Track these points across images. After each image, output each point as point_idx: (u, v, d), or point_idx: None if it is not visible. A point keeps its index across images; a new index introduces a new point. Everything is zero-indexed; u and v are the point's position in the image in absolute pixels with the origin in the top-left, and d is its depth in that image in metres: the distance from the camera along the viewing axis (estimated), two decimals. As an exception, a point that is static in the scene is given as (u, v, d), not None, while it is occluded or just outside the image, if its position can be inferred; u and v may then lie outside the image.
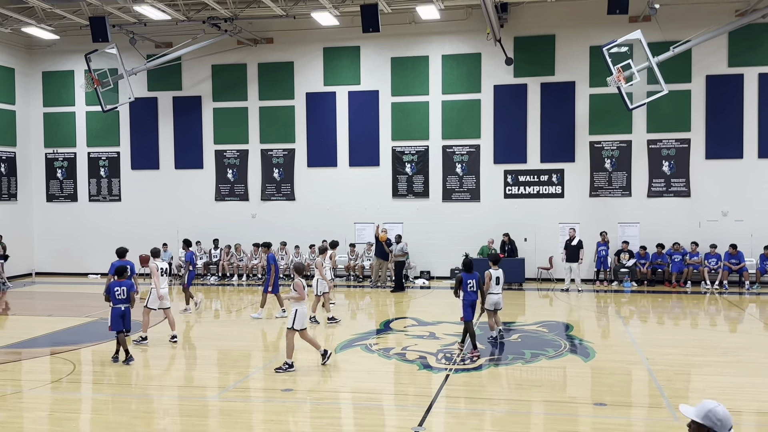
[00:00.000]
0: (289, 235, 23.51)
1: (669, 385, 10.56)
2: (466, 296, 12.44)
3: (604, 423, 9.00)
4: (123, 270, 12.52)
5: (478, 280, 12.58)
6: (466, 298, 12.44)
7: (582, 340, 13.81)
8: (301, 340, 11.81)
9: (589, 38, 21.88)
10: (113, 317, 12.21)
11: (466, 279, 12.48)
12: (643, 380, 11.10)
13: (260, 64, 24.02)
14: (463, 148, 23.00)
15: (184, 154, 24.71)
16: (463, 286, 12.46)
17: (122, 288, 12.32)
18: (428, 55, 23.02)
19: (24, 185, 25.37)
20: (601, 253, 21.63)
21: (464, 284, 12.46)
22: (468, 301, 12.45)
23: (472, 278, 12.50)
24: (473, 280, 12.50)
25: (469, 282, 12.46)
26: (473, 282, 12.48)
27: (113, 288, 12.31)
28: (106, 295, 12.51)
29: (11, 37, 24.10)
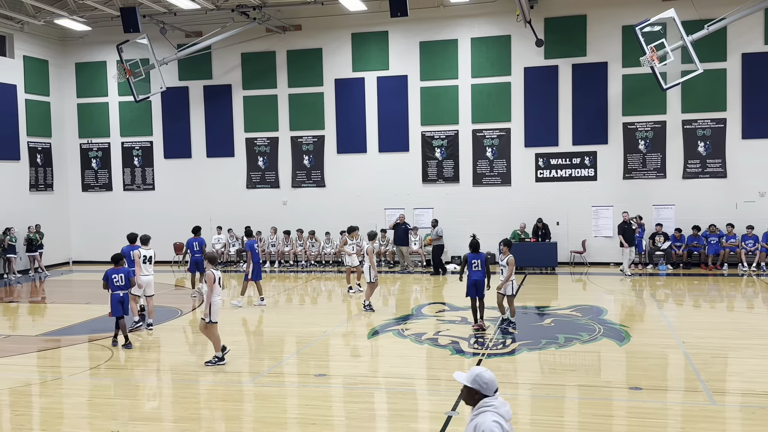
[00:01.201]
0: (319, 222, 23.61)
1: (706, 369, 10.42)
2: (471, 275, 12.91)
3: (640, 407, 8.92)
4: (120, 257, 12.84)
5: (484, 261, 12.99)
6: (471, 277, 12.92)
7: (616, 324, 13.67)
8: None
9: (621, 18, 21.48)
10: (113, 303, 12.50)
11: (471, 259, 12.96)
12: (680, 364, 10.97)
13: (289, 51, 24.06)
14: (493, 132, 22.82)
15: (216, 142, 24.92)
16: (468, 266, 12.95)
17: (120, 275, 12.59)
18: (457, 38, 22.82)
19: (60, 175, 25.83)
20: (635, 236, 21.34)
21: (469, 264, 12.95)
22: (472, 280, 12.94)
23: (477, 258, 12.97)
24: (478, 260, 12.96)
25: (473, 262, 12.95)
26: (478, 262, 12.95)
27: (111, 275, 12.52)
28: (105, 283, 12.69)
29: (44, 30, 24.46)
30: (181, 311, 16.26)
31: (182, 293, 19.20)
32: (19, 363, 11.97)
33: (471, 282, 13.02)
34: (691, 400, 9.25)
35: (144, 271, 14.18)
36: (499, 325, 13.51)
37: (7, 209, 23.05)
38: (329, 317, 15.41)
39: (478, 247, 13.18)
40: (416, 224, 23.13)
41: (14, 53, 23.79)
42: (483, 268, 12.98)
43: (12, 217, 23.06)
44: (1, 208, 22.89)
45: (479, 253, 13.09)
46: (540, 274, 20.89)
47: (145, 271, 14.20)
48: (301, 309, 16.82)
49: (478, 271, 12.96)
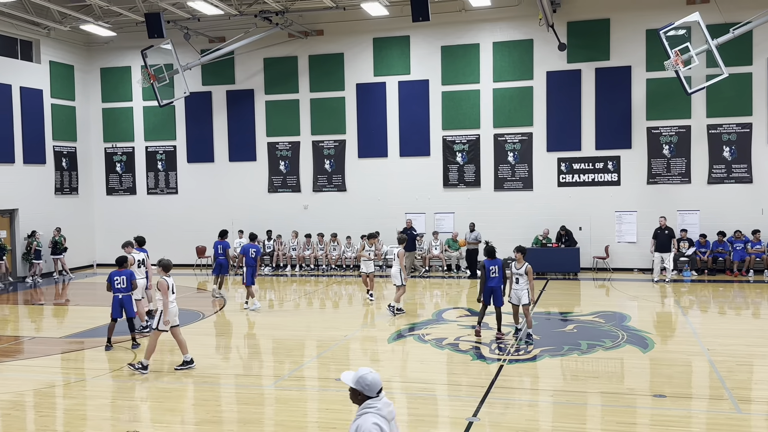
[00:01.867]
0: (340, 226, 23.66)
1: (731, 377, 10.26)
2: (488, 282, 12.74)
3: (664, 415, 8.80)
4: (123, 260, 13.06)
5: (501, 267, 12.86)
6: (488, 284, 12.74)
7: (640, 331, 13.52)
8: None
9: (645, 21, 21.30)
10: (113, 305, 12.70)
11: (489, 265, 12.77)
12: (704, 371, 10.81)
13: (311, 56, 24.16)
14: (515, 137, 22.72)
15: (238, 146, 25.08)
16: (485, 273, 12.74)
17: (122, 277, 12.77)
18: (479, 42, 22.77)
19: (85, 179, 26.14)
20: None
21: (486, 270, 12.74)
22: (489, 287, 12.75)
23: (495, 264, 12.81)
24: (495, 266, 12.80)
25: (491, 268, 12.76)
26: (495, 268, 12.79)
27: (113, 277, 12.73)
28: (108, 284, 12.84)
29: (70, 35, 24.81)
30: (203, 314, 16.36)
31: (204, 296, 19.32)
32: (44, 365, 12.11)
33: (488, 289, 12.79)
34: (716, 408, 9.11)
35: (136, 275, 14.23)
36: (514, 334, 13.22)
37: (34, 212, 23.38)
38: (349, 321, 15.42)
39: (494, 252, 12.99)
40: (437, 229, 23.09)
41: (41, 58, 24.15)
42: (500, 274, 12.82)
43: (38, 220, 23.38)
44: (28, 211, 23.22)
45: (496, 259, 12.92)
46: (562, 280, 20.74)
47: (137, 275, 14.24)
48: (322, 313, 16.85)
49: (495, 278, 12.77)
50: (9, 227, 22.88)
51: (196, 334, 14.35)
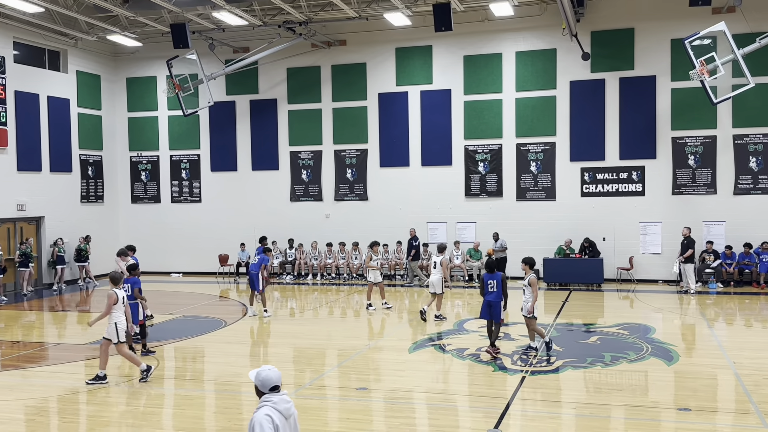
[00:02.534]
0: (361, 235, 23.66)
1: (757, 390, 10.09)
2: (486, 296, 12.43)
3: (689, 429, 8.67)
4: (134, 267, 13.57)
5: (500, 281, 12.42)
6: (485, 298, 12.44)
7: (665, 343, 13.34)
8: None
9: (670, 31, 21.14)
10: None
11: (487, 279, 12.45)
12: (730, 385, 10.64)
13: (333, 65, 24.29)
14: (537, 146, 22.62)
15: (261, 155, 25.25)
16: (484, 286, 12.47)
17: (127, 285, 12.90)
18: (501, 52, 22.74)
19: (110, 187, 26.46)
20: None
21: (485, 284, 12.44)
22: (486, 301, 12.43)
23: (493, 279, 12.42)
24: (494, 280, 12.41)
25: (489, 282, 12.41)
26: (494, 282, 12.40)
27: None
28: None
29: (97, 45, 25.19)
30: (225, 322, 16.45)
31: (227, 304, 19.43)
32: (67, 371, 12.24)
33: (485, 303, 12.47)
34: (742, 423, 8.96)
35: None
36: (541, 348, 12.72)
37: (60, 220, 23.69)
38: (370, 330, 15.42)
39: (494, 266, 12.73)
40: (458, 238, 23.02)
41: (68, 68, 24.54)
42: (499, 289, 12.40)
43: (63, 228, 23.69)
44: (54, 219, 23.54)
45: (495, 273, 12.54)
46: (586, 291, 20.56)
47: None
48: (343, 322, 16.85)
49: (493, 292, 12.39)
50: (36, 234, 23.21)
51: (218, 342, 14.44)
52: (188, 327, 16.17)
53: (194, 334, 15.08)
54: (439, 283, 15.75)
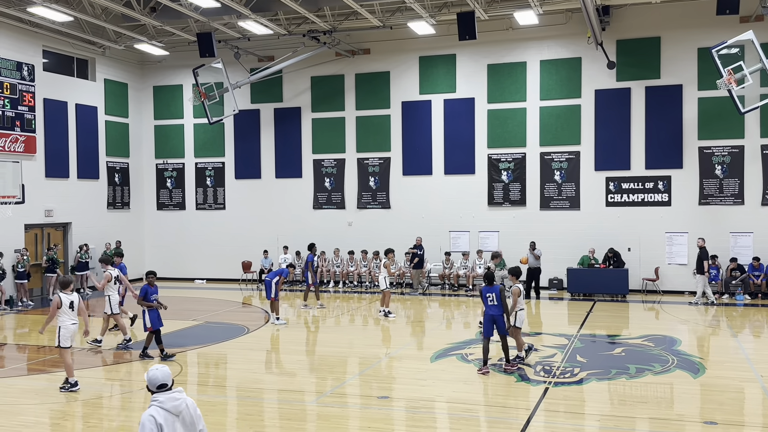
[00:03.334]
0: (383, 243, 23.51)
1: (788, 406, 9.89)
2: (487, 310, 11.95)
3: (716, 444, 8.52)
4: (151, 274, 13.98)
5: (498, 294, 11.93)
6: (487, 312, 11.96)
7: (691, 356, 13.15)
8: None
9: (697, 40, 20.93)
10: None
11: (486, 292, 11.95)
12: (757, 398, 10.45)
13: (357, 74, 24.38)
14: (562, 155, 22.48)
15: (284, 163, 25.39)
16: (483, 300, 12.02)
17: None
18: (526, 60, 22.67)
19: (136, 194, 26.77)
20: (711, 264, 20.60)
21: (483, 298, 11.97)
22: (488, 315, 11.93)
23: (492, 291, 11.92)
24: (493, 293, 11.90)
25: (488, 295, 11.91)
26: (493, 295, 11.89)
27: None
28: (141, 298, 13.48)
29: (125, 54, 25.55)
30: (248, 328, 16.52)
31: (249, 311, 19.53)
32: (92, 375, 12.36)
33: (487, 317, 11.92)
34: (771, 439, 8.79)
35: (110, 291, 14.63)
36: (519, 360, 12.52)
37: (86, 226, 24.00)
38: (392, 339, 15.39)
39: (493, 278, 12.17)
40: (481, 247, 22.91)
41: (96, 76, 24.91)
42: (499, 302, 11.86)
43: (90, 234, 23.98)
44: (80, 225, 23.85)
45: (494, 286, 11.99)
46: (610, 302, 20.34)
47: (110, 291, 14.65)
48: (365, 330, 16.84)
49: (494, 306, 11.84)
50: (63, 240, 23.53)
51: (240, 348, 14.50)
52: (211, 333, 16.27)
53: (217, 341, 15.16)
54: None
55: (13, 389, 11.57)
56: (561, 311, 19.51)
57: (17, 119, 21.16)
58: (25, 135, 21.43)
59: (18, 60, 21.29)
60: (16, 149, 21.08)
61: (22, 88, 21.38)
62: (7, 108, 20.80)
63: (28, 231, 22.04)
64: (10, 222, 19.89)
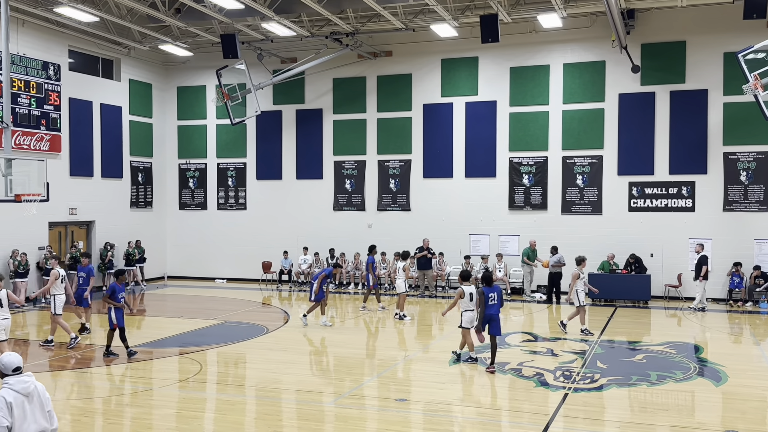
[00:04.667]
0: (403, 245, 23.39)
1: (813, 417, 9.72)
2: (488, 310, 12.20)
3: (738, 454, 8.40)
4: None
5: (500, 294, 12.42)
6: (487, 312, 12.21)
7: (713, 363, 12.97)
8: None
9: (723, 44, 20.68)
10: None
11: (488, 293, 12.24)
12: (783, 410, 10.28)
13: (379, 76, 24.39)
14: (584, 159, 22.32)
15: (305, 164, 25.47)
16: (485, 300, 12.21)
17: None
18: (549, 63, 22.54)
19: (159, 194, 27.01)
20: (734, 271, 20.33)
21: (486, 297, 12.21)
22: (488, 315, 12.22)
23: (494, 291, 12.32)
24: (495, 293, 12.31)
25: (490, 295, 12.24)
26: (494, 295, 12.28)
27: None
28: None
29: (149, 54, 25.80)
30: (267, 328, 16.58)
31: (269, 311, 19.61)
32: (114, 373, 12.49)
33: (487, 316, 12.23)
34: (795, 450, 8.64)
35: (57, 290, 14.61)
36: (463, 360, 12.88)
37: (109, 225, 24.25)
38: (411, 341, 15.36)
39: (491, 279, 12.52)
40: (501, 251, 22.81)
41: (121, 77, 25.18)
42: (499, 302, 12.36)
43: (113, 232, 24.23)
44: (104, 223, 24.11)
45: (494, 286, 12.44)
46: (632, 308, 20.14)
47: (57, 291, 14.63)
48: (384, 332, 16.83)
49: (494, 305, 12.25)
50: (86, 238, 23.79)
51: (259, 348, 14.56)
52: (231, 332, 16.36)
53: (236, 340, 15.24)
54: (579, 295, 15.78)
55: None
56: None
57: (43, 118, 21.45)
58: (50, 134, 21.71)
59: (44, 59, 21.58)
60: (42, 148, 21.37)
61: (48, 87, 21.67)
62: (33, 107, 21.09)
63: (52, 229, 22.31)
64: (34, 220, 20.12)
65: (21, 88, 20.61)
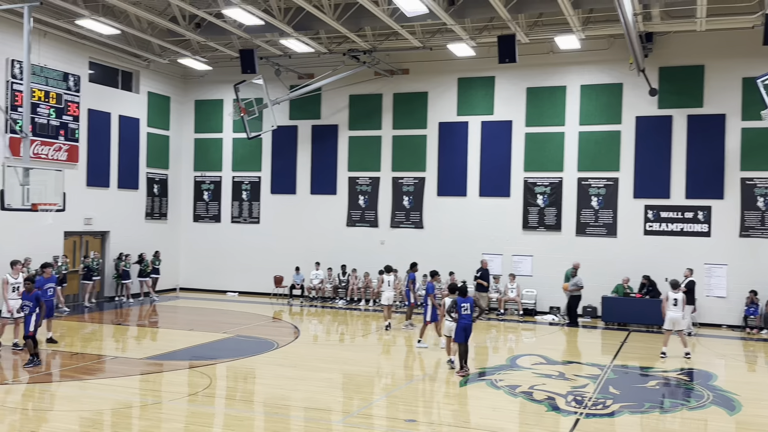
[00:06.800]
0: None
1: (830, 451, 9.53)
2: (461, 319, 13.34)
3: (753, 486, 8.24)
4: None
5: (472, 305, 13.58)
6: (460, 321, 13.34)
7: (727, 392, 12.78)
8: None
9: (741, 69, 20.57)
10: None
11: (461, 302, 13.42)
12: (799, 442, 10.10)
13: (395, 94, 24.47)
14: (599, 181, 22.22)
15: (320, 179, 25.53)
16: (457, 309, 13.38)
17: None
18: (566, 85, 22.52)
19: (174, 206, 27.14)
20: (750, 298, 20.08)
21: (458, 307, 13.37)
22: (462, 324, 13.32)
23: (467, 302, 13.49)
24: (467, 303, 13.47)
25: (463, 305, 13.39)
26: (467, 305, 13.43)
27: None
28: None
29: (168, 68, 26.03)
30: (277, 344, 16.54)
31: (279, 326, 19.58)
32: (123, 384, 12.48)
33: (461, 326, 13.32)
34: (811, 484, 8.46)
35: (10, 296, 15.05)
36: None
37: (124, 236, 24.36)
38: (421, 360, 15.26)
39: (466, 291, 14.06)
40: (514, 271, 22.69)
41: (140, 89, 25.41)
42: (472, 312, 13.48)
43: (127, 243, 24.33)
44: (118, 234, 24.23)
45: (468, 297, 13.67)
46: (645, 332, 19.92)
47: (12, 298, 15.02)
48: (395, 350, 16.73)
49: (467, 315, 13.38)
50: (101, 248, 23.91)
51: (269, 363, 14.52)
52: (241, 347, 16.33)
53: (246, 355, 15.21)
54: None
55: (45, 395, 11.75)
56: (595, 340, 19.18)
57: (62, 128, 21.65)
58: (68, 144, 21.90)
59: (65, 70, 21.82)
60: (59, 158, 21.55)
61: (68, 98, 21.90)
62: (53, 117, 21.31)
63: (67, 238, 22.45)
64: (50, 229, 20.27)
65: (41, 99, 20.83)
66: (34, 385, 12.18)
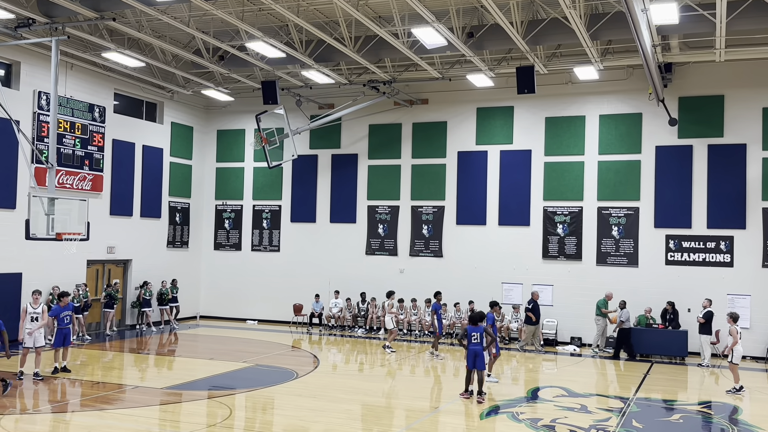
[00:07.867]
0: (434, 292, 23.46)
1: None
2: (470, 347, 13.84)
3: None
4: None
5: (482, 334, 13.94)
6: (470, 348, 13.84)
7: (751, 426, 12.56)
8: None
9: (762, 99, 20.53)
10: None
11: (471, 332, 13.94)
12: (827, 480, 9.87)
13: (415, 123, 24.66)
14: (620, 210, 22.12)
15: (339, 208, 25.69)
16: (467, 338, 13.93)
17: None
18: (585, 114, 22.57)
19: (195, 234, 27.40)
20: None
21: (468, 336, 13.92)
22: (471, 351, 13.80)
23: (477, 331, 13.91)
24: (477, 333, 13.89)
25: (473, 335, 13.88)
26: (477, 335, 13.87)
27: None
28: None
29: (192, 99, 26.47)
30: (296, 373, 16.54)
31: (299, 355, 19.58)
32: (143, 414, 12.54)
33: (471, 352, 13.80)
34: None
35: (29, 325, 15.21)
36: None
37: (146, 264, 24.61)
38: (441, 392, 15.17)
39: (477, 320, 14.12)
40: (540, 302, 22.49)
41: (163, 119, 25.84)
42: (482, 340, 13.85)
43: (149, 271, 24.57)
44: (140, 262, 24.49)
45: (478, 326, 13.98)
46: (668, 364, 19.66)
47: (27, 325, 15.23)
48: (413, 380, 16.66)
49: (477, 344, 13.80)
50: (122, 277, 24.17)
51: (287, 393, 14.51)
52: (260, 376, 16.35)
53: (266, 384, 15.23)
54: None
55: (66, 425, 11.82)
56: (617, 372, 18.95)
57: (86, 158, 22.04)
58: (93, 174, 22.27)
59: (90, 102, 22.27)
60: (84, 187, 21.91)
61: (93, 128, 22.31)
62: (78, 147, 21.71)
63: (90, 266, 22.71)
64: (73, 258, 20.55)
65: (67, 129, 21.26)
66: (55, 415, 12.27)
